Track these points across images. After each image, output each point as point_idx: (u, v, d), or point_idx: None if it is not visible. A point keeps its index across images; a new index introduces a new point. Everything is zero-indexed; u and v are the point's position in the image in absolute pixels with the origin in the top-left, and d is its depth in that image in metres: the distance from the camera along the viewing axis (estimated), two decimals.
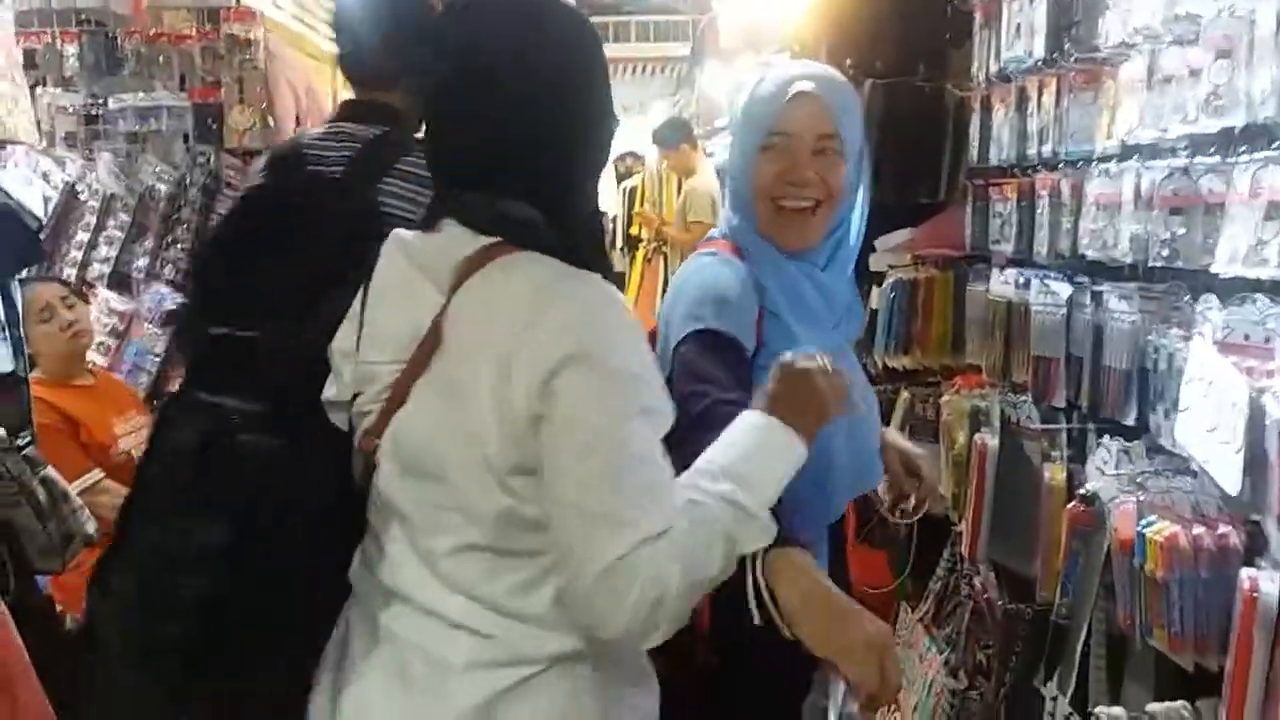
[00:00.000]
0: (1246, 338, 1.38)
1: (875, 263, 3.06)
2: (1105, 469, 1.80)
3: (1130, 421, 1.79)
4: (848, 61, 2.95)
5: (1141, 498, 1.63)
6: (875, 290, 3.13)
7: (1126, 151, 1.85)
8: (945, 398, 2.52)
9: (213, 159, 3.69)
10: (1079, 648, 1.79)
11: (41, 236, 3.73)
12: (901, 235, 2.98)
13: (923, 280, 2.80)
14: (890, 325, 2.84)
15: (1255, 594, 1.34)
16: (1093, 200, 1.88)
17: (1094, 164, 1.91)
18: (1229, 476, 1.27)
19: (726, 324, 1.37)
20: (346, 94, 1.76)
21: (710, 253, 1.52)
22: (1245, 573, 1.38)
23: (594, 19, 1.23)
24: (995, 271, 2.35)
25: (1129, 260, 1.73)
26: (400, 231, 1.20)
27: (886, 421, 3.15)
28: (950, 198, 2.98)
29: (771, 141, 1.49)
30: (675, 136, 6.48)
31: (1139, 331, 1.77)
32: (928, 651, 2.43)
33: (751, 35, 6.20)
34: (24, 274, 3.45)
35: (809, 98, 1.49)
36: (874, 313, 3.11)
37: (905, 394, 2.94)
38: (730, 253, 1.51)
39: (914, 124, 2.99)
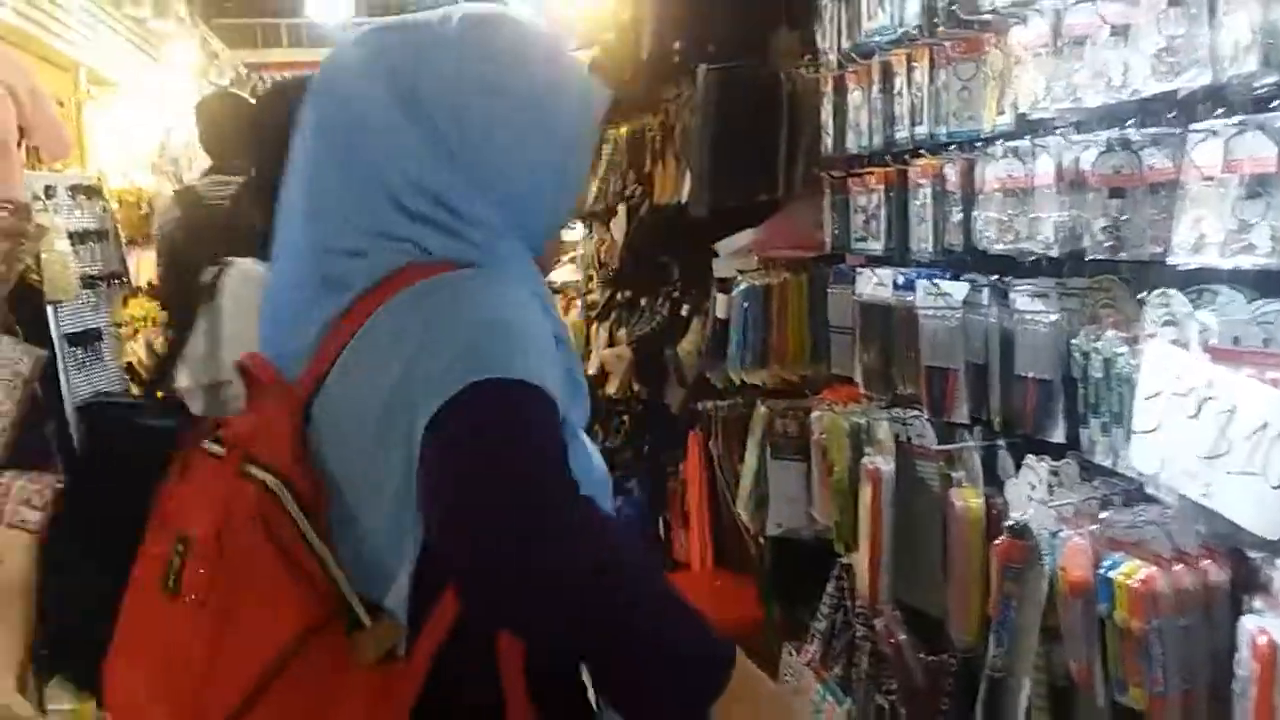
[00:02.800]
0: (1236, 341, 1.15)
1: (720, 269, 2.78)
2: (1034, 495, 1.56)
3: (1060, 438, 1.55)
4: (676, 45, 2.66)
5: (1093, 529, 1.38)
6: (721, 299, 2.85)
7: (1027, 128, 1.62)
8: (816, 414, 2.25)
9: None
10: (1023, 705, 1.55)
11: None
12: (744, 237, 2.71)
13: (775, 285, 2.53)
14: (745, 337, 2.55)
15: (1274, 650, 1.10)
16: (995, 186, 1.64)
17: (994, 144, 1.67)
18: (1259, 516, 1.03)
19: (546, 382, 0.92)
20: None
21: (474, 274, 0.99)
22: (1250, 623, 1.15)
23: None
24: (867, 272, 2.10)
25: (1054, 253, 1.49)
26: None
27: (741, 439, 2.89)
28: (790, 194, 2.73)
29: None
30: None
31: (1061, 334, 1.54)
32: (823, 700, 2.16)
33: None
34: None
35: None
36: (722, 323, 2.83)
37: (762, 409, 2.67)
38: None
39: (751, 114, 2.72)
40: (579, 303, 6.77)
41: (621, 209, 3.89)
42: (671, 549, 3.77)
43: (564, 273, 7.09)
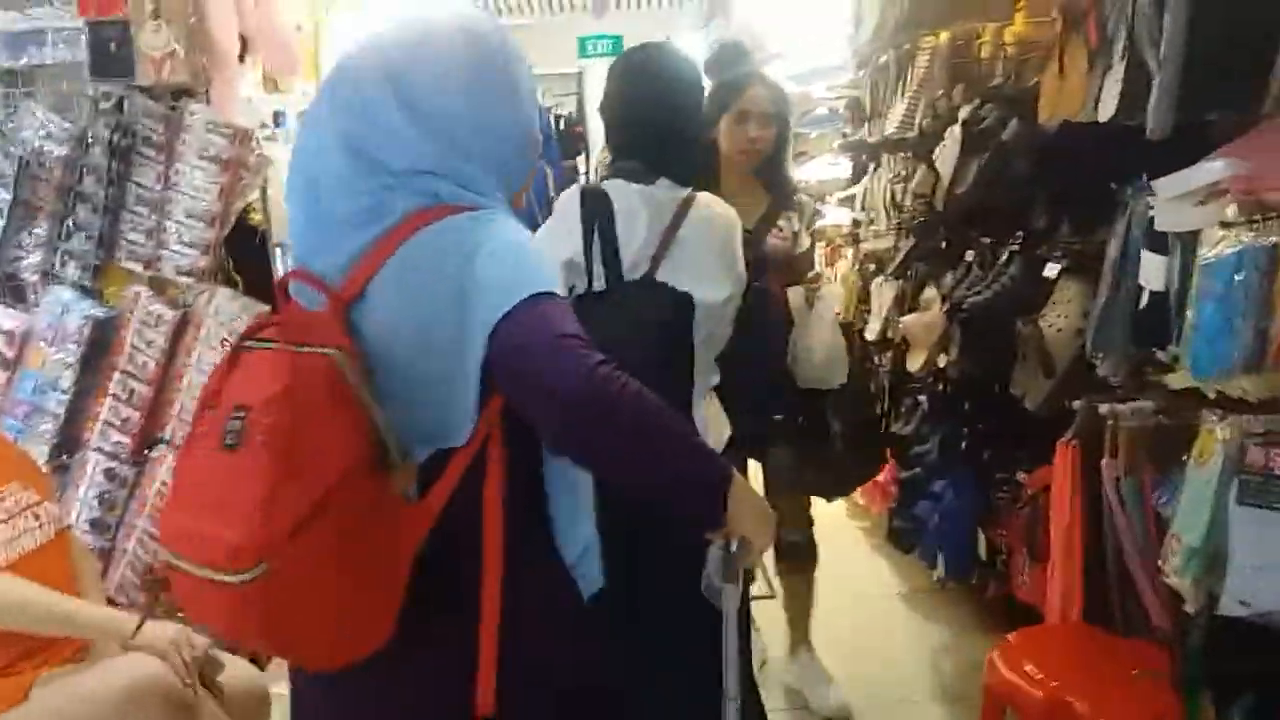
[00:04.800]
0: None
1: (1167, 216, 1.89)
2: None
3: None
4: None
5: None
6: (1154, 262, 1.97)
7: None
8: None
9: (125, 104, 2.55)
10: None
11: None
12: (1213, 170, 1.80)
13: None
14: (1226, 324, 1.67)
15: None
16: None
17: None
18: None
19: (556, 287, 1.25)
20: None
21: (484, 213, 1.28)
22: None
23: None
24: None
25: None
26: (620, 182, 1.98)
27: (1165, 464, 2.03)
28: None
29: None
30: (738, 63, 5.24)
31: None
32: None
33: None
34: None
35: None
36: (1155, 297, 1.95)
37: (1223, 429, 1.79)
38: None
39: None
40: (847, 252, 5.89)
41: (954, 134, 3.02)
42: (1009, 582, 2.93)
43: (829, 215, 6.21)
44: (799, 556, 2.87)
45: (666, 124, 1.96)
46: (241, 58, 2.75)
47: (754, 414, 2.51)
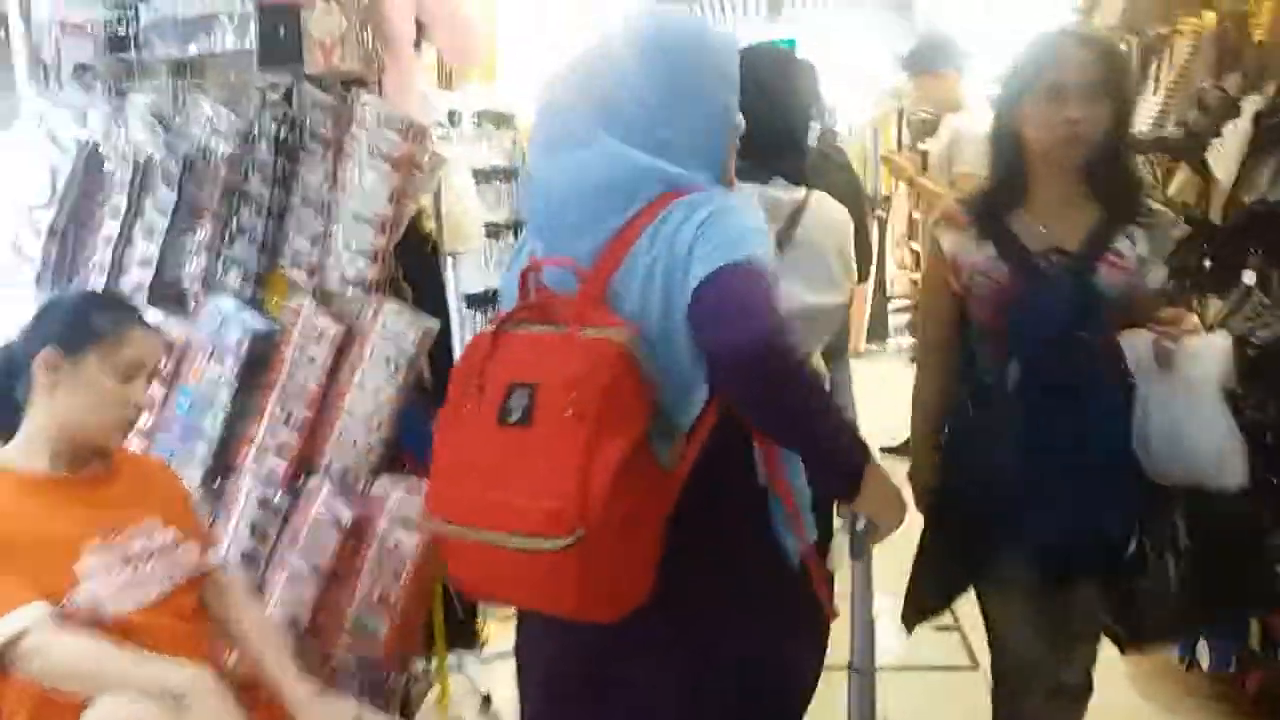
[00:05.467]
0: None
1: None
2: None
3: None
4: None
5: None
6: None
7: None
8: None
9: (293, 94, 2.31)
10: None
11: (52, 229, 2.48)
12: None
13: None
14: None
15: None
16: None
17: None
18: None
19: (765, 262, 1.38)
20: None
21: (716, 192, 1.43)
22: None
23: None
24: None
25: None
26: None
27: None
28: None
29: None
30: (941, 58, 4.77)
31: None
32: None
33: None
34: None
35: None
36: None
37: None
38: None
39: None
40: None
41: (1237, 130, 2.50)
42: None
43: None
44: (1073, 699, 2.05)
45: (770, 122, 1.87)
46: (417, 44, 2.49)
47: (1071, 528, 1.77)
